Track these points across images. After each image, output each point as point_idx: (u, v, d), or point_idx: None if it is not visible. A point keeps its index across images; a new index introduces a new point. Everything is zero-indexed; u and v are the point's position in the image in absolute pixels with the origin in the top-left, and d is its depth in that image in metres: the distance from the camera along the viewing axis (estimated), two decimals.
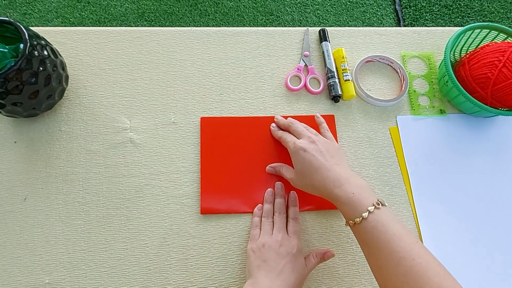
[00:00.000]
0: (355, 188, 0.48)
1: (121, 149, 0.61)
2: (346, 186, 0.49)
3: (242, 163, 0.61)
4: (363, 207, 0.46)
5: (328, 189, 0.49)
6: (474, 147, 0.65)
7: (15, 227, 0.56)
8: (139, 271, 0.55)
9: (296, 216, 0.57)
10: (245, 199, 0.59)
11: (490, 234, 0.60)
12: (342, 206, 0.48)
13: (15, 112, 0.54)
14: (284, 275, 0.49)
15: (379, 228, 0.45)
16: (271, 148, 0.62)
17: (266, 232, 0.54)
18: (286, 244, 0.52)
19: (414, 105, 0.68)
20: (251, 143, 0.62)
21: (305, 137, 0.55)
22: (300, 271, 0.50)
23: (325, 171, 0.50)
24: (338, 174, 0.50)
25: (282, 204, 0.58)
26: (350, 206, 0.47)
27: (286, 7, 1.67)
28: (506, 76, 0.59)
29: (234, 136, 0.62)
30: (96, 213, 0.57)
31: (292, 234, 0.54)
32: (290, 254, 0.51)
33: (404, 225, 0.50)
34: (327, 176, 0.50)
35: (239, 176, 0.60)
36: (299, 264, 0.51)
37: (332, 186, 0.49)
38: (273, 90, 0.67)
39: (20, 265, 0.54)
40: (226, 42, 0.70)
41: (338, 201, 0.49)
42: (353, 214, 0.47)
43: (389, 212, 0.47)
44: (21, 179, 0.58)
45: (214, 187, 0.59)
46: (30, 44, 0.50)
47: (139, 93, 0.64)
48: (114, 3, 1.59)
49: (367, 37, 0.73)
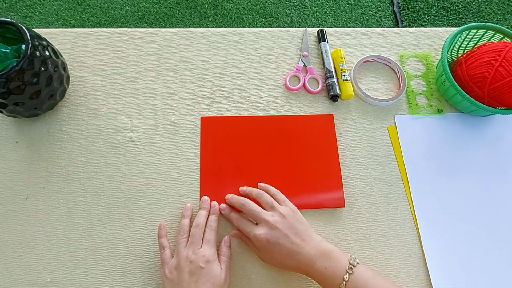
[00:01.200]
0: (326, 261, 0.49)
1: (122, 148, 0.61)
2: (317, 263, 0.49)
3: (241, 162, 0.61)
4: (339, 277, 0.48)
5: (303, 271, 0.50)
6: (472, 145, 0.66)
7: (17, 226, 0.56)
8: (140, 269, 0.55)
9: (212, 224, 0.55)
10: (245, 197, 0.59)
11: (488, 233, 0.61)
12: (321, 282, 0.49)
13: (16, 112, 0.55)
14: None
15: None
16: (270, 147, 0.63)
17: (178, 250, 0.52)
18: (195, 258, 0.50)
19: (412, 104, 0.68)
20: (251, 142, 0.63)
21: (263, 222, 0.52)
22: (213, 280, 0.49)
23: (295, 255, 0.50)
24: (308, 254, 0.50)
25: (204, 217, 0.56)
26: (328, 280, 0.48)
27: (285, 9, 1.68)
28: (502, 75, 0.60)
29: (234, 135, 0.63)
30: (97, 212, 0.57)
31: (205, 244, 0.52)
32: (199, 268, 0.49)
33: (384, 277, 0.52)
34: (298, 259, 0.50)
35: (238, 175, 0.61)
36: (212, 272, 0.49)
37: (305, 267, 0.50)
38: (272, 90, 0.67)
39: (22, 264, 0.54)
40: (225, 43, 0.70)
41: (316, 279, 0.50)
42: (335, 285, 0.48)
43: (365, 269, 0.49)
44: (22, 179, 0.59)
45: (213, 185, 0.60)
46: (32, 44, 0.51)
47: (140, 93, 0.65)
48: (114, 5, 1.60)
49: (365, 37, 0.73)
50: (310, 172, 0.62)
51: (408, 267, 0.57)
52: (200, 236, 0.53)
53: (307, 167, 0.62)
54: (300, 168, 0.62)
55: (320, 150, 0.63)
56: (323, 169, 0.62)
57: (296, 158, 0.62)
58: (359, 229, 0.59)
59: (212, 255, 0.51)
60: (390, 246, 0.58)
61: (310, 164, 0.62)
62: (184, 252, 0.51)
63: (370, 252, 0.58)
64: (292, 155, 0.62)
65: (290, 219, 0.52)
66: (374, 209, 0.60)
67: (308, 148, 0.63)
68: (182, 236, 0.53)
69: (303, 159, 0.62)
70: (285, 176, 0.61)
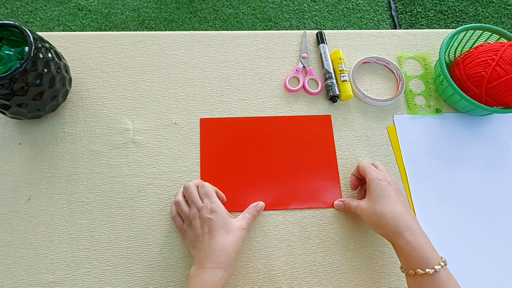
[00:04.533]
0: (426, 238, 0.48)
1: (124, 149, 0.62)
2: (418, 232, 0.48)
3: (241, 163, 0.62)
4: (435, 260, 0.45)
5: (399, 228, 0.48)
6: (470, 144, 0.67)
7: (20, 227, 0.57)
8: (142, 269, 0.55)
9: (201, 182, 0.56)
10: (244, 198, 0.60)
11: (488, 231, 0.61)
12: (411, 251, 0.47)
13: (20, 113, 0.56)
14: (214, 236, 0.49)
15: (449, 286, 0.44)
16: (269, 148, 0.63)
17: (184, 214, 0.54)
18: (201, 213, 0.52)
19: (411, 104, 0.69)
20: (250, 143, 0.63)
21: (387, 174, 0.55)
22: (226, 226, 0.51)
23: (400, 210, 0.50)
24: (410, 218, 0.49)
25: None
26: (421, 255, 0.46)
27: (284, 13, 1.70)
28: (499, 74, 0.61)
29: (233, 136, 0.64)
30: (99, 212, 0.58)
31: (204, 199, 0.53)
32: (207, 220, 0.51)
33: None
34: (400, 215, 0.49)
35: (238, 175, 0.61)
36: (221, 219, 0.51)
37: (404, 227, 0.48)
38: (272, 91, 0.68)
39: (25, 264, 0.55)
40: (226, 45, 0.71)
41: (408, 245, 0.47)
42: (423, 264, 0.45)
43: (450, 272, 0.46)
44: (25, 180, 0.59)
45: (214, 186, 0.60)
46: (35, 46, 0.52)
47: (141, 95, 0.66)
48: (114, 11, 1.62)
49: (364, 39, 0.74)
50: (308, 172, 0.62)
51: None
52: (196, 194, 0.54)
53: (306, 167, 0.62)
54: (299, 168, 0.62)
55: (318, 150, 0.64)
56: (321, 169, 0.62)
57: (294, 158, 0.63)
58: (359, 228, 0.60)
59: (216, 205, 0.52)
60: (389, 246, 0.58)
61: (308, 164, 0.63)
62: (189, 212, 0.53)
63: (370, 251, 0.58)
64: (290, 155, 0.63)
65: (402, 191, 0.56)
66: None
67: (306, 148, 0.64)
68: (181, 205, 0.55)
69: (301, 159, 0.63)
70: (284, 176, 0.62)
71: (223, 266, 0.48)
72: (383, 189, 0.52)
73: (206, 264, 0.48)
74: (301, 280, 0.56)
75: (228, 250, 0.49)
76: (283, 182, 0.61)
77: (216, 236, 0.49)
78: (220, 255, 0.48)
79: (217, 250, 0.48)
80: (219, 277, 0.47)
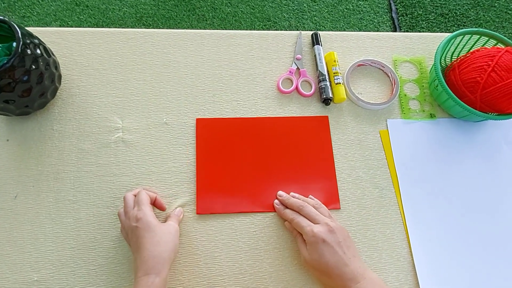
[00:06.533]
0: (371, 286, 0.48)
1: (113, 148, 0.61)
2: (363, 283, 0.48)
3: (237, 164, 0.61)
4: None
5: (345, 285, 0.49)
6: (463, 151, 0.66)
7: (5, 224, 0.56)
8: (128, 270, 0.55)
9: (139, 189, 0.55)
10: (240, 199, 0.59)
11: (478, 237, 0.60)
12: None
13: (7, 110, 0.55)
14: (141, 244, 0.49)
15: None
16: (265, 148, 0.63)
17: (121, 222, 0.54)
18: (128, 222, 0.51)
19: (405, 109, 0.68)
20: (246, 143, 0.63)
21: (322, 223, 0.52)
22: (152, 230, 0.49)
23: (343, 267, 0.49)
24: (355, 270, 0.49)
25: None
26: None
27: (283, 13, 1.69)
28: (494, 80, 0.60)
29: (230, 137, 0.63)
30: (86, 211, 0.57)
31: (136, 206, 0.52)
32: (134, 228, 0.50)
33: None
34: (344, 272, 0.49)
35: (235, 176, 0.61)
36: (145, 225, 0.50)
37: (349, 283, 0.49)
38: (265, 93, 0.67)
39: (9, 262, 0.54)
40: (219, 45, 0.70)
41: None
42: None
43: None
44: (12, 177, 0.58)
45: (210, 187, 0.60)
46: (23, 42, 0.51)
47: (132, 93, 0.65)
48: (112, 7, 1.61)
49: (360, 41, 0.74)
50: (305, 173, 0.62)
51: (397, 271, 0.57)
52: (129, 203, 0.53)
53: (303, 168, 0.62)
54: (296, 169, 0.62)
55: (315, 151, 0.63)
56: (318, 171, 0.62)
57: (291, 159, 0.62)
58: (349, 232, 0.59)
59: (142, 212, 0.51)
60: (379, 250, 0.58)
61: (305, 166, 0.62)
62: (124, 222, 0.53)
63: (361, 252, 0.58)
64: (288, 157, 0.62)
65: (344, 232, 0.53)
66: (364, 212, 0.60)
67: (303, 150, 0.63)
68: (120, 216, 0.54)
69: (298, 161, 0.62)
70: (281, 177, 0.61)
71: (152, 271, 0.47)
72: (321, 253, 0.50)
73: (138, 274, 0.47)
74: (287, 283, 0.55)
75: (156, 252, 0.48)
76: (280, 183, 0.61)
77: (142, 242, 0.48)
78: (147, 260, 0.47)
79: (145, 256, 0.47)
80: (150, 283, 0.46)
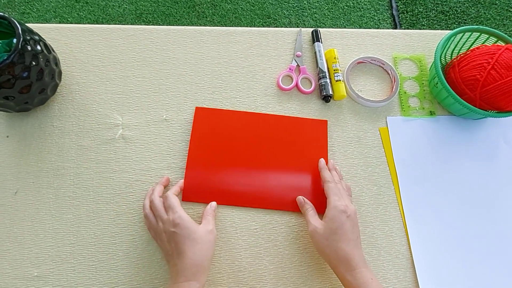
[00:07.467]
0: (372, 274, 0.49)
1: (113, 145, 0.61)
2: (366, 271, 0.49)
3: (230, 155, 0.61)
4: None
5: (349, 267, 0.49)
6: (463, 148, 0.66)
7: (5, 220, 0.56)
8: (127, 265, 0.55)
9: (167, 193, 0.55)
10: (229, 191, 0.59)
11: (477, 235, 0.61)
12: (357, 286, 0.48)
13: (7, 106, 0.55)
14: (182, 250, 0.49)
15: None
16: (261, 144, 0.63)
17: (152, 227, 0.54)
18: (165, 226, 0.51)
19: (404, 106, 0.68)
20: (242, 137, 0.63)
21: (347, 201, 0.54)
22: (193, 236, 0.50)
23: (354, 247, 0.50)
24: (362, 257, 0.51)
25: None
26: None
27: (283, 10, 1.68)
28: (494, 78, 0.60)
29: (226, 128, 0.63)
30: (86, 207, 0.57)
31: (168, 211, 0.52)
32: (172, 234, 0.50)
33: None
34: (354, 253, 0.50)
35: (225, 167, 0.61)
36: (185, 231, 0.50)
37: (355, 264, 0.49)
38: (264, 90, 0.67)
39: (9, 258, 0.54)
40: (219, 41, 0.70)
41: (357, 281, 0.48)
42: None
43: None
44: (12, 173, 0.59)
45: (198, 175, 0.60)
46: (23, 38, 0.51)
47: (132, 90, 0.65)
48: (112, 3, 1.61)
49: (360, 38, 0.73)
50: (299, 175, 0.61)
51: (395, 268, 0.57)
52: (160, 207, 0.53)
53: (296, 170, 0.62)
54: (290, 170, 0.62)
55: (310, 154, 0.63)
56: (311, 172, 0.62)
57: (286, 159, 0.62)
58: None
59: (178, 216, 0.51)
60: (378, 247, 0.58)
61: (299, 168, 0.62)
62: (156, 226, 0.53)
63: None
64: (282, 156, 0.62)
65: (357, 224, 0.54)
66: (363, 210, 0.60)
67: (299, 150, 0.63)
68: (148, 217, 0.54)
69: (293, 162, 0.62)
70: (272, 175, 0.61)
71: (194, 278, 0.47)
72: (342, 224, 0.51)
73: (179, 279, 0.47)
74: (287, 280, 0.56)
75: (198, 261, 0.48)
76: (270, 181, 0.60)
77: (183, 249, 0.49)
78: (190, 268, 0.48)
79: (187, 263, 0.48)
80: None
